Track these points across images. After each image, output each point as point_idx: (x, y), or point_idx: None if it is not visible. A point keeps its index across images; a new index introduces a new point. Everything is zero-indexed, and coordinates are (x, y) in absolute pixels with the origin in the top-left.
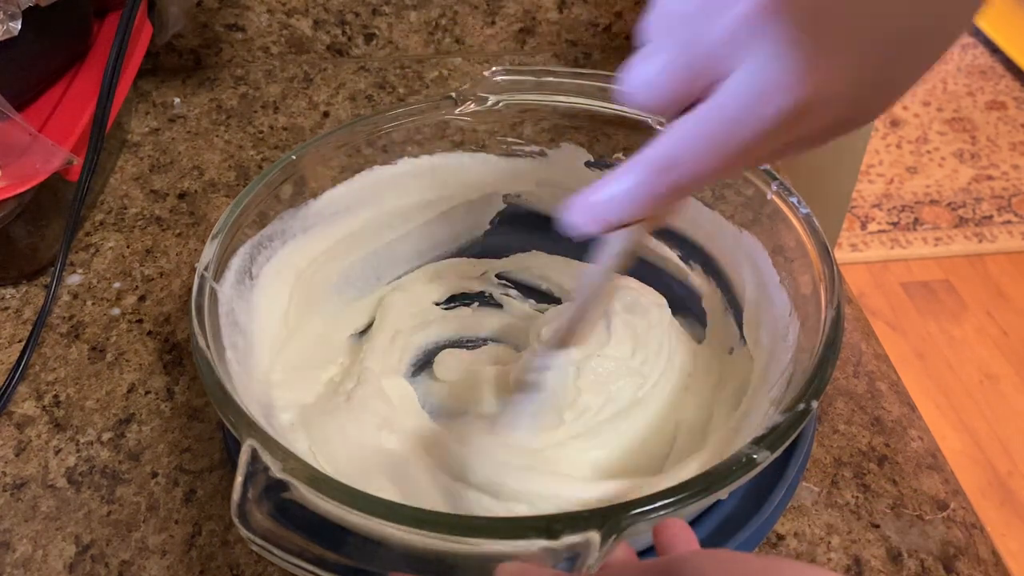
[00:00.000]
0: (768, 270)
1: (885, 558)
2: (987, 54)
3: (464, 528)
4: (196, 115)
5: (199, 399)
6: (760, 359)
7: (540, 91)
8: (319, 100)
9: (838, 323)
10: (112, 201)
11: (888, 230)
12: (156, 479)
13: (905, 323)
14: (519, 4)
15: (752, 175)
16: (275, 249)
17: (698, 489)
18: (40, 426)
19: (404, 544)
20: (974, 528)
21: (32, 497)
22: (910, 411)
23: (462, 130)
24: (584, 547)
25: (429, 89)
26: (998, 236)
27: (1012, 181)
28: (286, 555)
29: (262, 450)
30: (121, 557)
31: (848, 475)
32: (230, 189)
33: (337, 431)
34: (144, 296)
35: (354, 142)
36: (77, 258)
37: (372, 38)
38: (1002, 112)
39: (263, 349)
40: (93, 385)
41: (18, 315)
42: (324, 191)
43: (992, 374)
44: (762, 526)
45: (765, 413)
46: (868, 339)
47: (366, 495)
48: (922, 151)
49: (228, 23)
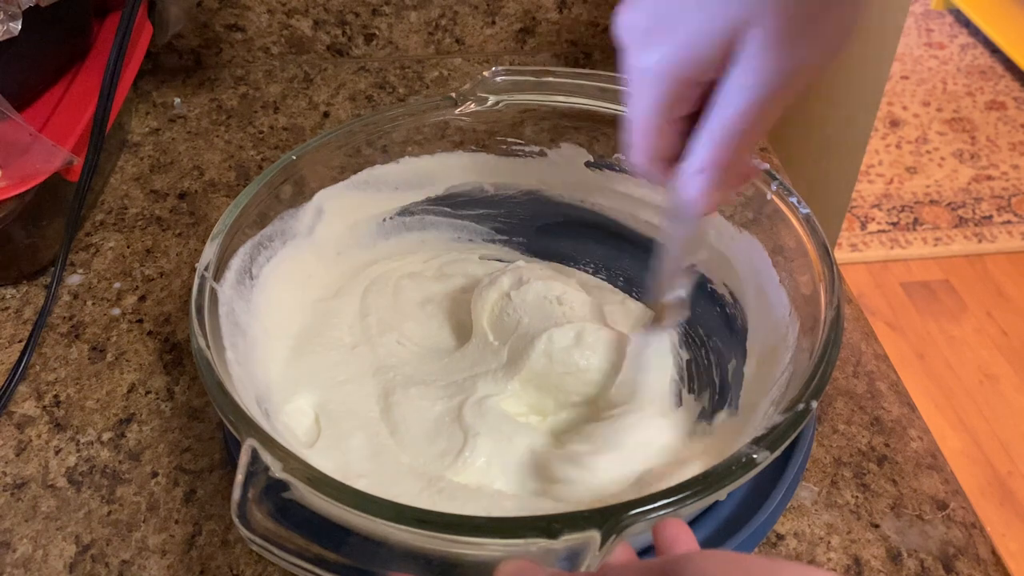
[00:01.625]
0: (768, 270)
1: (885, 558)
2: (987, 54)
3: (464, 528)
4: (196, 115)
5: (199, 399)
6: (759, 361)
7: (540, 91)
8: (319, 100)
9: (838, 323)
10: (112, 201)
11: (888, 230)
12: (156, 479)
13: (905, 323)
14: (519, 4)
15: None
16: (275, 249)
17: (698, 489)
18: (40, 426)
19: (404, 544)
20: (974, 528)
21: (32, 497)
22: (910, 411)
23: (462, 130)
24: (584, 547)
25: (429, 89)
26: (998, 236)
27: (1012, 181)
28: (286, 555)
29: (262, 450)
30: (121, 557)
31: (848, 475)
32: (230, 189)
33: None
34: (144, 296)
35: (354, 142)
36: (77, 258)
37: (372, 38)
38: (1002, 112)
39: (264, 349)
40: (93, 385)
41: (18, 315)
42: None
43: (992, 374)
44: (762, 526)
45: (765, 413)
46: (868, 339)
47: (366, 495)
48: (922, 151)
49: (228, 23)
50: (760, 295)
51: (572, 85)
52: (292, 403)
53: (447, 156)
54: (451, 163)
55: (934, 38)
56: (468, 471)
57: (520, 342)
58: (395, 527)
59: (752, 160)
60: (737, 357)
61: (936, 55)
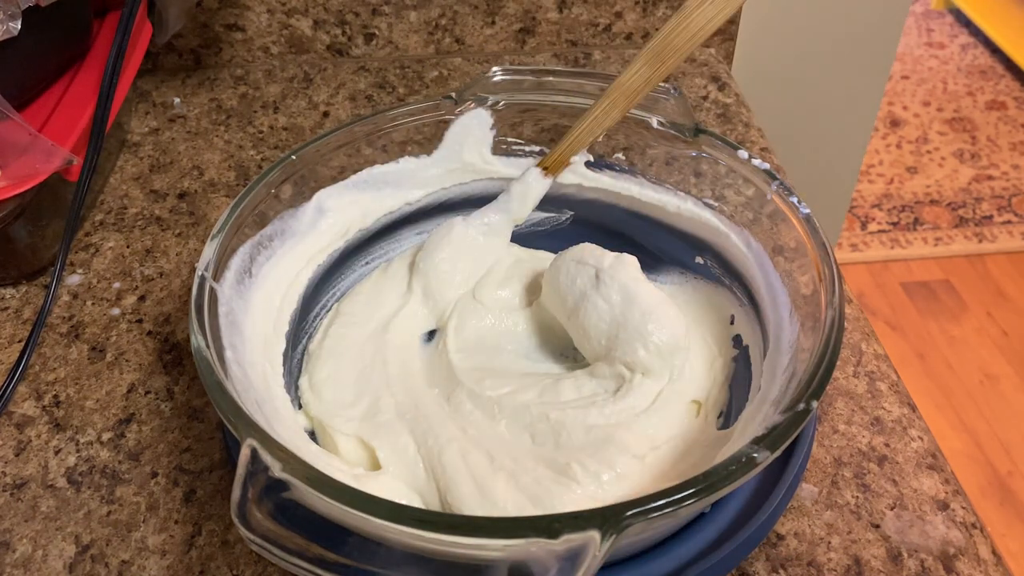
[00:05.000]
0: (768, 270)
1: (885, 558)
2: (987, 54)
3: (464, 528)
4: (196, 115)
5: (199, 399)
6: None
7: (540, 91)
8: (319, 100)
9: (838, 323)
10: (112, 201)
11: (888, 230)
12: (156, 479)
13: (905, 323)
14: (519, 4)
15: (752, 175)
16: (275, 249)
17: (698, 489)
18: (40, 426)
19: (404, 544)
20: (974, 528)
21: (32, 497)
22: (910, 411)
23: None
24: (584, 547)
25: (429, 89)
26: (998, 236)
27: (1012, 181)
28: (286, 555)
29: (262, 450)
30: (121, 557)
31: (848, 475)
32: (230, 189)
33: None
34: (144, 296)
35: (354, 142)
36: (77, 258)
37: (372, 38)
38: (1002, 112)
39: (256, 348)
40: (93, 385)
41: (18, 315)
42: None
43: (992, 374)
44: (762, 526)
45: (765, 413)
46: (868, 339)
47: (366, 495)
48: (922, 151)
49: (228, 23)
50: (760, 295)
51: (572, 85)
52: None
53: (447, 156)
54: (451, 163)
55: (934, 38)
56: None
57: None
58: (395, 527)
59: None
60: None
61: (936, 55)
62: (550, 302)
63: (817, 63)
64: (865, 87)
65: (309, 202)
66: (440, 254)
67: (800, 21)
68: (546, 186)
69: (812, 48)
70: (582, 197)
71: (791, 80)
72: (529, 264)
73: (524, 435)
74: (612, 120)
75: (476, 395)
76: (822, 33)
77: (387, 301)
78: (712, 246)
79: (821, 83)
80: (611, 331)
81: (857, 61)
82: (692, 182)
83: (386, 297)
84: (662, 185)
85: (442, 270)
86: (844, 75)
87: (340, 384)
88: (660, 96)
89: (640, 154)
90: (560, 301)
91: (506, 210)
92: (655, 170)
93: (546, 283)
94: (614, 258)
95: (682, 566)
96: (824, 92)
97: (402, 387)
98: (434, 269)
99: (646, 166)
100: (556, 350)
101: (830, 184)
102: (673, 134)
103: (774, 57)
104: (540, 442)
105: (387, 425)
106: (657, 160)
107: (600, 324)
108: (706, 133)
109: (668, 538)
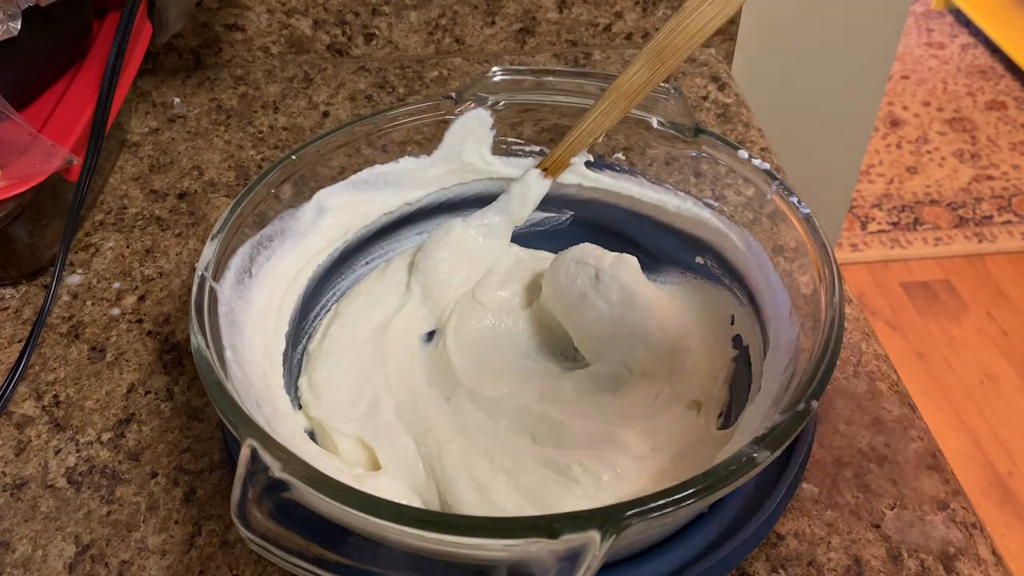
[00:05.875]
0: (768, 270)
1: (885, 558)
2: (987, 54)
3: (464, 528)
4: (196, 115)
5: (199, 399)
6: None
7: (540, 91)
8: (319, 100)
9: (838, 323)
10: (112, 201)
11: (888, 230)
12: (156, 479)
13: (905, 323)
14: (519, 4)
15: (752, 175)
16: (275, 249)
17: (698, 489)
18: (40, 426)
19: (404, 544)
20: (974, 528)
21: (32, 497)
22: (910, 411)
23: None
24: (584, 547)
25: (429, 89)
26: (998, 236)
27: (1012, 181)
28: (286, 555)
29: (262, 450)
30: (121, 557)
31: (848, 475)
32: (230, 189)
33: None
34: (144, 296)
35: (354, 142)
36: (77, 258)
37: (372, 38)
38: (1002, 112)
39: (256, 348)
40: (93, 385)
41: (18, 315)
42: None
43: (992, 374)
44: (762, 526)
45: (765, 413)
46: (868, 339)
47: (366, 495)
48: (922, 151)
49: (228, 23)
50: (760, 295)
51: (572, 85)
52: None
53: (447, 156)
54: (451, 163)
55: (934, 38)
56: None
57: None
58: (395, 527)
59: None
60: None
61: (936, 55)
62: (550, 302)
63: (817, 63)
64: (865, 87)
65: (309, 202)
66: (440, 255)
67: (800, 21)
68: (546, 187)
69: (812, 48)
70: (582, 197)
71: (791, 80)
72: (529, 264)
73: (524, 435)
74: (612, 121)
75: (476, 395)
76: (822, 33)
77: (387, 301)
78: (712, 246)
79: (821, 83)
80: (611, 331)
81: (857, 61)
82: (692, 182)
83: (386, 297)
84: (662, 185)
85: (441, 271)
86: (844, 75)
87: (340, 384)
88: (660, 96)
89: (640, 154)
90: (560, 301)
91: (506, 211)
92: (655, 170)
93: (546, 283)
94: (614, 258)
95: (682, 566)
96: (824, 92)
97: (402, 387)
98: (433, 269)
99: (646, 166)
100: (556, 350)
101: (830, 184)
102: (673, 134)
103: (774, 57)
104: (540, 442)
105: (387, 425)
106: (657, 160)
107: (600, 324)
108: (706, 133)
109: (668, 538)
